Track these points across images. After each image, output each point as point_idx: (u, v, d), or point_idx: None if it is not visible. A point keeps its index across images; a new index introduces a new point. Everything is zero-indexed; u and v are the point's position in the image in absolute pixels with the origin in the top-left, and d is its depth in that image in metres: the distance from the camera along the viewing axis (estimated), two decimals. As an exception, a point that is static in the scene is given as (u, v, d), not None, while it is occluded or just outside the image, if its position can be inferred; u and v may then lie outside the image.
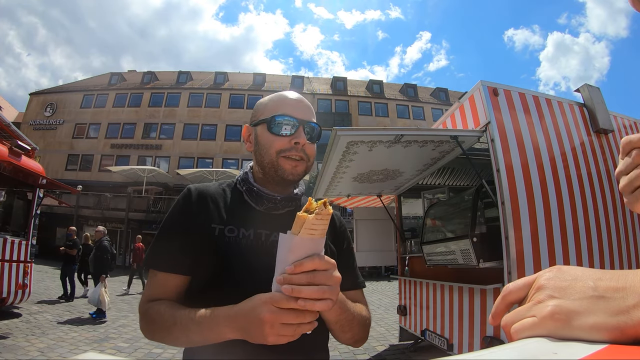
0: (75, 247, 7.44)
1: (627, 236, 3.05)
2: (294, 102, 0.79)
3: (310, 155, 0.80)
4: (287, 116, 0.76)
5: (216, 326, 0.62)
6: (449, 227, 3.68)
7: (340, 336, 0.76)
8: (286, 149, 0.76)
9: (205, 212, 0.78)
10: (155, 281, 0.77)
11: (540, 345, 0.27)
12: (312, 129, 0.79)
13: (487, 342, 2.71)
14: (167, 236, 0.78)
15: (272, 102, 0.81)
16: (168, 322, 0.68)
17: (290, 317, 0.56)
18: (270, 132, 0.77)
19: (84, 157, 24.01)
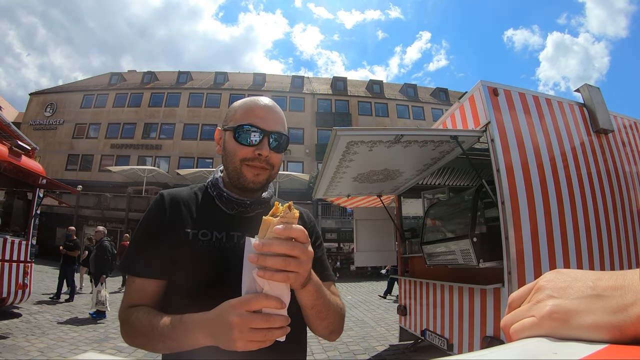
0: (77, 249, 7.41)
1: (627, 236, 3.05)
2: (262, 111, 0.80)
3: (275, 165, 0.81)
4: (253, 126, 0.77)
5: (191, 332, 0.62)
6: (449, 227, 3.68)
7: (317, 325, 0.75)
8: (249, 158, 0.78)
9: (178, 217, 0.80)
10: (133, 287, 0.78)
11: (540, 345, 0.27)
12: (277, 139, 0.80)
13: (487, 342, 2.71)
14: (142, 241, 0.80)
15: (241, 109, 0.81)
16: (146, 329, 0.69)
17: (259, 321, 0.55)
18: (236, 141, 0.78)
19: (84, 157, 24.01)
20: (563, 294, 0.29)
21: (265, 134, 0.78)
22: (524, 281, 2.48)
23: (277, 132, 0.79)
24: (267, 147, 0.78)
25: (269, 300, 0.56)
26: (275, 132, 0.79)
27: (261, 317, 0.56)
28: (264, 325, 0.56)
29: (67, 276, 7.25)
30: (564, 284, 0.30)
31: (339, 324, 0.81)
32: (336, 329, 0.80)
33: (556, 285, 0.30)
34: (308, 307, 0.70)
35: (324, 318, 0.74)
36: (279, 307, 0.56)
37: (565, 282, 0.30)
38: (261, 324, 0.55)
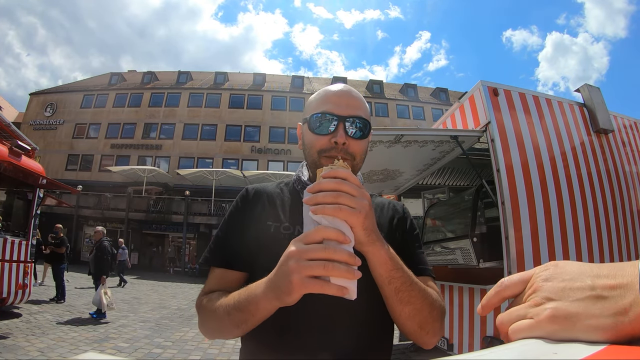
0: (63, 245, 7.26)
1: (627, 236, 3.05)
2: (336, 97, 0.75)
3: (356, 153, 0.74)
4: (326, 113, 0.72)
5: (252, 292, 0.60)
6: (449, 227, 3.68)
7: (399, 310, 0.64)
8: (326, 148, 0.72)
9: (261, 210, 0.79)
10: (212, 277, 0.78)
11: (540, 346, 0.27)
12: (355, 124, 0.73)
13: (487, 342, 2.71)
14: (224, 234, 0.80)
15: (315, 99, 0.78)
16: (215, 307, 0.68)
17: (317, 250, 0.50)
18: (311, 132, 0.74)
19: (84, 157, 24.02)
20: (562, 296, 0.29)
21: (340, 119, 0.72)
22: (524, 281, 2.48)
23: (354, 116, 0.73)
24: (344, 134, 0.71)
25: (328, 230, 0.51)
26: (352, 116, 0.73)
27: (319, 245, 0.51)
28: (323, 255, 0.50)
29: (56, 275, 7.09)
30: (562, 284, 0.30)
31: (431, 316, 0.67)
32: (427, 322, 0.66)
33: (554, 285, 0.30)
34: (384, 282, 0.62)
35: (406, 301, 0.63)
36: (340, 237, 0.51)
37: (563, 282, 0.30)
38: (319, 253, 0.50)
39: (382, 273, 0.61)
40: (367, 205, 0.55)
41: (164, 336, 5.04)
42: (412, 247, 0.81)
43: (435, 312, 0.68)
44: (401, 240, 0.79)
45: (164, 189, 21.81)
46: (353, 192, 0.54)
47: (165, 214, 19.23)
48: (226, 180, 19.79)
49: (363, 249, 0.59)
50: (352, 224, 0.54)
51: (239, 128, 24.56)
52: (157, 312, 6.91)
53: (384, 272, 0.61)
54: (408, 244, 0.80)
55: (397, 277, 0.61)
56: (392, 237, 0.78)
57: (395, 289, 0.62)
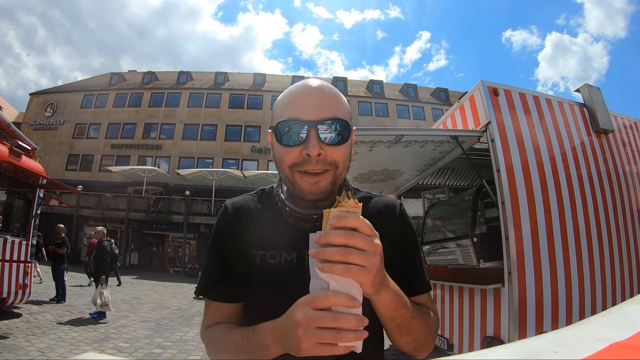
0: (64, 246, 7.24)
1: (627, 236, 3.05)
2: (303, 97, 0.63)
3: (338, 161, 0.64)
4: (293, 119, 0.61)
5: (262, 339, 0.58)
6: (449, 227, 3.68)
7: (397, 339, 0.64)
8: (298, 162, 0.62)
9: (245, 236, 0.72)
10: (210, 309, 0.75)
11: (540, 345, 0.27)
12: (331, 128, 0.62)
13: (487, 342, 2.71)
14: (213, 263, 0.75)
15: (280, 102, 0.67)
16: (223, 344, 0.66)
17: (326, 319, 0.48)
18: (279, 143, 0.63)
19: (84, 157, 24.03)
20: None
21: (310, 125, 0.60)
22: (524, 281, 2.49)
23: (329, 118, 0.61)
24: (317, 143, 0.60)
25: (337, 297, 0.49)
26: (326, 119, 0.61)
27: (329, 314, 0.49)
28: (332, 324, 0.48)
29: (56, 275, 7.06)
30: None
31: (427, 341, 0.68)
32: (422, 346, 0.67)
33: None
34: (386, 319, 0.61)
35: (405, 333, 0.63)
36: (349, 304, 0.49)
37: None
38: (329, 322, 0.48)
39: (385, 313, 0.60)
40: (378, 262, 0.51)
41: (164, 336, 5.04)
42: (411, 259, 0.76)
43: (430, 336, 0.68)
44: (401, 247, 0.74)
45: (164, 189, 21.81)
46: (364, 246, 0.49)
47: (165, 214, 19.23)
48: (226, 180, 19.79)
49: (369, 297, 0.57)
50: (361, 282, 0.51)
51: (239, 128, 24.56)
52: (157, 312, 6.91)
53: (387, 313, 0.59)
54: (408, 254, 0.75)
55: (399, 315, 0.60)
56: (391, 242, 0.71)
57: (397, 325, 0.61)
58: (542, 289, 2.52)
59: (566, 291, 2.59)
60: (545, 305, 2.51)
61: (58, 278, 7.02)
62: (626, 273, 2.94)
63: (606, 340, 0.25)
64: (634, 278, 2.97)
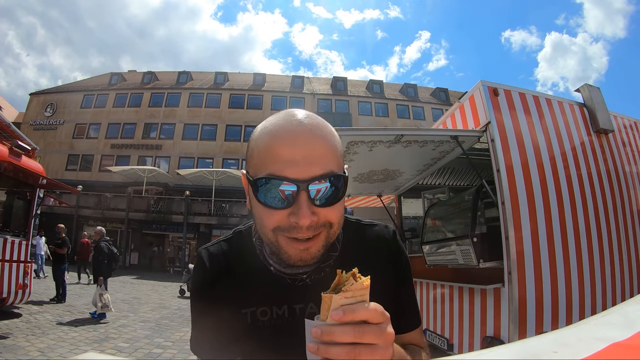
0: (65, 246, 7.26)
1: (627, 236, 3.05)
2: (289, 147, 0.50)
3: (333, 221, 0.53)
4: (277, 179, 0.49)
5: None
6: (449, 227, 3.68)
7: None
8: (285, 227, 0.51)
9: (229, 296, 0.64)
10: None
11: (541, 345, 0.27)
12: (324, 188, 0.50)
13: (487, 342, 2.71)
14: (202, 322, 0.68)
15: (260, 146, 0.53)
16: None
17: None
18: (259, 202, 0.51)
19: (84, 157, 24.03)
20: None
21: (300, 187, 0.49)
22: (524, 281, 2.49)
23: (321, 175, 0.49)
24: (308, 209, 0.49)
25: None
26: (318, 176, 0.49)
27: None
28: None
29: (56, 275, 7.06)
30: None
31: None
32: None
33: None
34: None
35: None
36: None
37: None
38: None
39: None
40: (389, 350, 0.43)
41: (164, 336, 5.04)
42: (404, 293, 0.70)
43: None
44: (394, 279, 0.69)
45: (164, 189, 21.82)
46: (377, 340, 0.41)
47: (165, 214, 19.24)
48: (226, 180, 19.79)
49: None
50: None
51: (239, 128, 24.56)
52: (157, 312, 6.92)
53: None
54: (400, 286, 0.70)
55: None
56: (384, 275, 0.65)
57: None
58: (542, 289, 2.52)
59: (566, 291, 2.59)
60: (545, 305, 2.51)
61: (58, 278, 7.02)
62: (626, 273, 2.94)
63: (606, 340, 0.25)
64: (634, 278, 2.97)
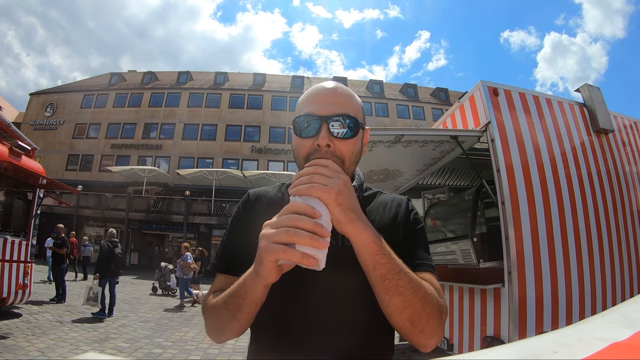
0: (64, 246, 7.25)
1: (627, 236, 3.05)
2: (320, 96, 0.71)
3: (344, 155, 0.69)
4: (309, 114, 0.68)
5: (243, 277, 0.62)
6: (449, 227, 3.68)
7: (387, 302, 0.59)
8: (310, 152, 0.68)
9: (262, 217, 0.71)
10: (217, 281, 0.77)
11: (541, 345, 0.27)
12: (340, 123, 0.67)
13: (487, 342, 2.71)
14: (228, 241, 0.79)
15: (301, 101, 0.75)
16: (216, 299, 0.68)
17: (283, 220, 0.54)
18: (296, 136, 0.71)
19: (84, 157, 24.02)
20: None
21: (322, 120, 0.67)
22: (524, 281, 2.49)
23: (340, 114, 0.68)
24: (327, 135, 0.66)
25: (297, 204, 0.55)
26: (338, 114, 0.67)
27: (284, 218, 0.54)
28: (288, 223, 0.52)
29: (56, 275, 7.06)
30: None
31: (423, 313, 0.60)
32: (419, 320, 0.60)
33: None
34: (369, 267, 0.58)
35: (394, 291, 0.58)
36: (309, 211, 0.54)
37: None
38: (285, 222, 0.53)
39: (366, 257, 0.58)
40: (341, 184, 0.57)
41: (164, 336, 5.04)
42: (412, 240, 0.74)
43: (429, 308, 0.61)
44: (404, 231, 0.75)
45: (164, 189, 21.81)
46: (328, 174, 0.57)
47: (165, 214, 19.23)
48: (226, 180, 19.79)
49: (343, 230, 0.58)
50: (325, 200, 0.56)
51: (239, 128, 24.56)
52: (157, 312, 6.92)
53: (368, 256, 0.58)
54: (408, 238, 0.74)
55: (382, 262, 0.57)
56: (395, 234, 0.73)
57: (381, 276, 0.58)
58: (542, 289, 2.52)
59: (566, 291, 2.59)
60: (545, 305, 2.51)
61: (57, 278, 7.02)
62: (626, 273, 2.94)
63: (606, 340, 0.25)
64: (634, 278, 2.97)
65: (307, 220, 0.52)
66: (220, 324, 0.68)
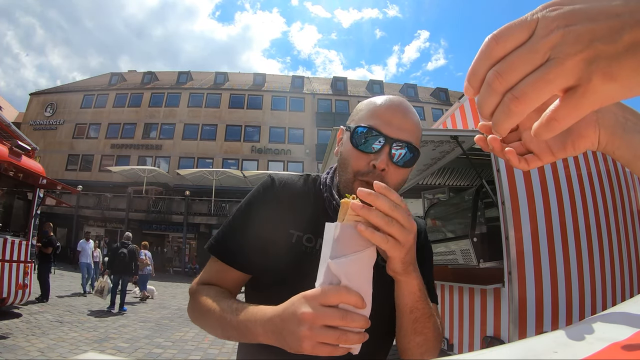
0: (51, 245, 7.16)
1: (627, 236, 3.05)
2: (389, 113, 0.65)
3: (395, 184, 0.65)
4: (374, 129, 0.63)
5: (252, 324, 0.55)
6: (449, 227, 3.68)
7: (410, 339, 0.62)
8: (364, 171, 0.63)
9: (286, 213, 0.71)
10: (212, 268, 0.72)
11: (540, 345, 0.27)
12: (403, 151, 0.63)
13: (487, 342, 2.71)
14: (240, 227, 0.72)
15: (366, 108, 0.69)
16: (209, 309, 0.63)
17: (335, 317, 0.45)
18: (353, 146, 0.65)
19: (84, 157, 24.02)
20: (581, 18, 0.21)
21: (387, 141, 0.62)
22: (524, 281, 2.49)
23: (405, 141, 0.63)
24: (386, 158, 0.62)
25: (349, 294, 0.45)
26: (402, 141, 0.63)
27: (337, 312, 0.46)
28: (341, 323, 0.45)
29: (40, 274, 6.91)
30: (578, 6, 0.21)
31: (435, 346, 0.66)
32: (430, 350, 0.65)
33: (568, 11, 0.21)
34: (406, 309, 0.59)
35: (420, 331, 0.61)
36: (359, 303, 0.46)
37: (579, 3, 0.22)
38: (337, 321, 0.45)
39: (407, 302, 0.59)
40: (412, 240, 0.51)
41: (164, 336, 5.04)
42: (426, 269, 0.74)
43: (438, 343, 0.67)
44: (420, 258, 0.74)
45: (164, 189, 21.82)
46: (404, 222, 0.49)
47: (165, 214, 19.24)
48: (226, 180, 19.79)
49: (395, 277, 0.57)
50: (392, 256, 0.51)
51: (239, 128, 24.57)
52: (157, 312, 6.92)
53: (410, 302, 0.59)
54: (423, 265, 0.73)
55: (420, 308, 0.60)
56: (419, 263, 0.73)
57: (414, 319, 0.60)
58: (542, 289, 2.52)
59: (566, 291, 2.59)
60: (545, 305, 2.51)
61: (41, 277, 6.90)
62: (626, 273, 2.94)
63: (606, 340, 0.25)
64: (634, 278, 2.97)
65: (359, 319, 0.46)
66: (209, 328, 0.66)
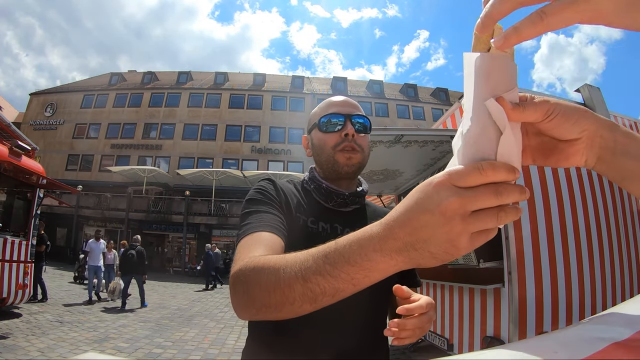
0: (42, 243, 7.07)
1: (627, 236, 3.05)
2: (339, 102, 0.86)
3: (364, 146, 0.83)
4: (333, 115, 0.82)
5: (364, 251, 0.37)
6: (449, 227, 3.67)
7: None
8: (338, 142, 0.80)
9: (289, 201, 0.80)
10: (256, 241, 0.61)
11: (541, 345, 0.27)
12: (360, 121, 0.83)
13: (487, 342, 2.72)
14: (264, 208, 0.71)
15: (319, 109, 0.87)
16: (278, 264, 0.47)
17: (489, 197, 0.32)
18: (322, 132, 0.83)
19: (84, 157, 24.02)
20: None
21: (347, 117, 0.82)
22: (524, 281, 2.49)
23: (358, 114, 0.84)
24: (352, 127, 0.81)
25: (496, 170, 0.33)
26: (356, 114, 0.83)
27: (490, 188, 0.32)
28: (497, 202, 0.33)
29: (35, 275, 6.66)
30: None
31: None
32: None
33: None
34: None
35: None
36: (510, 176, 0.33)
37: None
38: (492, 200, 0.32)
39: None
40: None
41: (164, 336, 5.04)
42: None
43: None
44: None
45: (164, 189, 21.81)
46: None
47: (165, 214, 19.23)
48: (226, 180, 19.79)
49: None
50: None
51: (239, 128, 24.56)
52: (157, 312, 6.92)
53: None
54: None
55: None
56: None
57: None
58: (542, 289, 2.52)
59: (566, 291, 2.59)
60: (545, 305, 2.51)
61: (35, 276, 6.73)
62: (626, 273, 2.94)
63: (606, 340, 0.25)
64: (634, 278, 2.97)
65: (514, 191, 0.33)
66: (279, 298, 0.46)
